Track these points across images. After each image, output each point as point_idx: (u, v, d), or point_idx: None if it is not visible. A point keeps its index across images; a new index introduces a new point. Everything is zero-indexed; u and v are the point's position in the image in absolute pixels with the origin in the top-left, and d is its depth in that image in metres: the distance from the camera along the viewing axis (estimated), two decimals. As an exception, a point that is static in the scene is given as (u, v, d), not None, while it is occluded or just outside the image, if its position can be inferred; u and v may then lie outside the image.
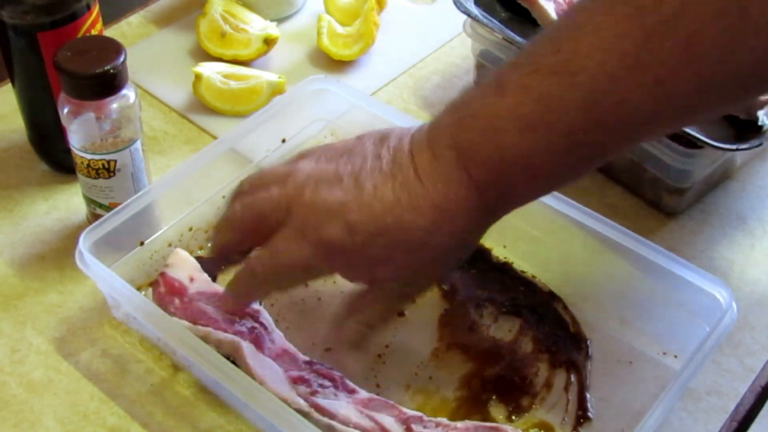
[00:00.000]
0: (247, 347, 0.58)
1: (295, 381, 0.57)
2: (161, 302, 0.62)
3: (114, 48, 0.65)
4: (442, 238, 0.52)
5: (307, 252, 0.53)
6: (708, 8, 0.44)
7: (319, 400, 0.57)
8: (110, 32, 0.91)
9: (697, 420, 0.62)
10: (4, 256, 0.71)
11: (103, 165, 0.66)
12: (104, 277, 0.61)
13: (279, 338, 0.61)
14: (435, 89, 0.88)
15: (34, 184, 0.76)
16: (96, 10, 0.70)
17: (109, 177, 0.67)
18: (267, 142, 0.75)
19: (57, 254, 0.71)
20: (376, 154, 0.54)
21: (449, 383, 0.62)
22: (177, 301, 0.61)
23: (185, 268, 0.64)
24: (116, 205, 0.65)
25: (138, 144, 0.67)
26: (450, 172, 0.51)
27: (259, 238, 0.56)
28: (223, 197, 0.71)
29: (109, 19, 0.91)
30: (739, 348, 0.66)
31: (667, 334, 0.65)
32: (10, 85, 0.75)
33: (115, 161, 0.66)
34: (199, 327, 0.59)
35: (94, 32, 0.70)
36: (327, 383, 0.58)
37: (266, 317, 0.63)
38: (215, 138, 0.80)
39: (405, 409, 0.57)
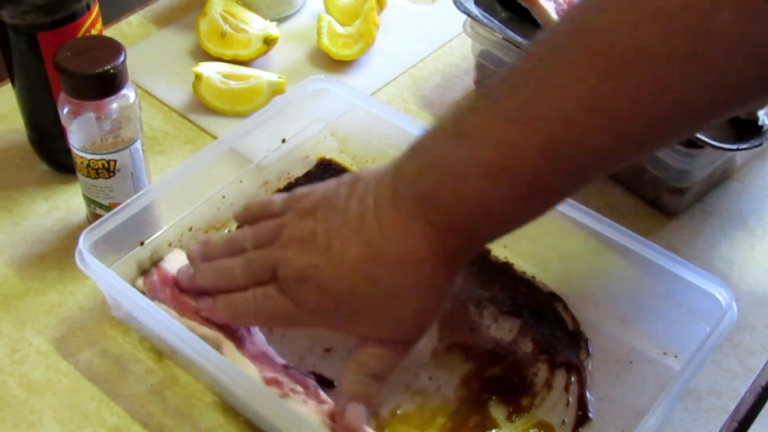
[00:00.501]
0: (228, 345, 0.59)
1: (268, 382, 0.58)
2: (151, 289, 0.63)
3: (114, 48, 0.65)
4: (409, 289, 0.54)
5: (291, 308, 0.56)
6: (658, 51, 0.44)
7: (287, 404, 0.57)
8: (110, 32, 0.91)
9: (697, 420, 0.62)
10: (4, 256, 0.71)
11: (103, 165, 0.66)
12: (104, 277, 0.61)
13: (260, 341, 0.62)
14: (435, 89, 0.88)
15: (34, 184, 0.76)
16: (96, 10, 0.70)
17: (109, 177, 0.67)
18: (267, 142, 0.75)
19: (57, 254, 0.71)
20: (344, 207, 0.55)
21: (449, 383, 0.62)
22: (168, 291, 0.62)
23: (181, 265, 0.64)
24: (116, 205, 0.65)
25: (138, 144, 0.67)
26: (411, 224, 0.52)
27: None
28: (223, 197, 0.71)
29: (109, 19, 0.91)
30: (739, 348, 0.66)
31: (667, 334, 0.65)
32: (10, 85, 0.75)
33: (115, 161, 0.66)
34: (186, 320, 0.60)
35: (94, 32, 0.70)
36: (299, 389, 0.58)
37: None
38: (215, 138, 0.80)
39: (369, 430, 0.57)
